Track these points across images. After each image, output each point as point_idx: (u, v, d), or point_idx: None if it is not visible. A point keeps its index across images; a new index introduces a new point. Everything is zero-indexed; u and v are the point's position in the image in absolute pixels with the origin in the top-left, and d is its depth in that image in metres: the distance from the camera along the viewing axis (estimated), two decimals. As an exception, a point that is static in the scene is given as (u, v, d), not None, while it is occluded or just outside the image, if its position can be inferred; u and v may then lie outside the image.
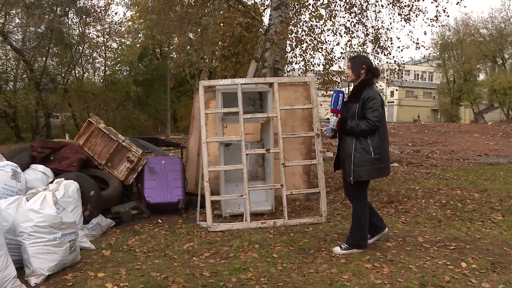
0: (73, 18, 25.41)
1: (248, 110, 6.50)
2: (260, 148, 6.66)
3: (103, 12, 24.93)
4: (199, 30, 12.49)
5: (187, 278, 3.99)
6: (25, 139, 21.83)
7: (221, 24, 13.25)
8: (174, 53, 27.62)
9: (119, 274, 4.16)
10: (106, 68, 27.99)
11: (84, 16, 24.86)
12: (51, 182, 5.10)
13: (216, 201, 6.26)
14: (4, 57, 25.08)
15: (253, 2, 10.80)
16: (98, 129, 6.78)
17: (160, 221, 6.23)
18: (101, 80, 28.39)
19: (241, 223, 5.83)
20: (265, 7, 10.25)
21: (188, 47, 17.75)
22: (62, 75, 25.84)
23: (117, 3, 36.65)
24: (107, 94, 24.60)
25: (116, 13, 34.52)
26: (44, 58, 24.48)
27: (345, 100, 4.64)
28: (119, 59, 28.32)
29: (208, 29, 12.25)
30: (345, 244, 4.70)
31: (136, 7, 28.12)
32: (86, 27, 25.22)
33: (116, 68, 28.64)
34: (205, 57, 19.57)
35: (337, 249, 4.67)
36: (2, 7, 20.20)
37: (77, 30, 25.48)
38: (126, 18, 26.76)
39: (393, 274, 4.03)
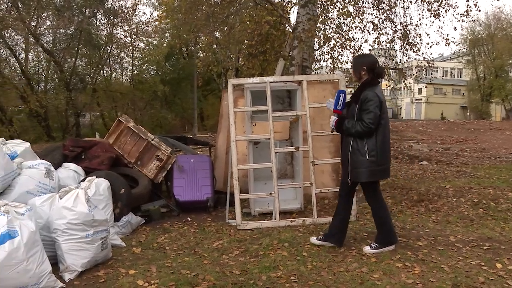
0: (101, 19, 25.79)
1: (277, 108, 6.48)
2: (289, 146, 6.64)
3: (130, 13, 25.20)
4: (225, 29, 12.53)
5: (217, 276, 4.00)
6: (55, 138, 22.24)
7: (248, 23, 13.26)
8: (200, 52, 27.80)
9: (150, 272, 4.20)
10: (134, 68, 28.34)
11: (112, 17, 25.18)
12: (83, 180, 5.18)
13: (245, 199, 6.26)
14: (36, 58, 25.60)
15: (280, 0, 10.76)
16: (127, 128, 6.86)
17: (190, 219, 6.26)
18: (129, 80, 28.74)
19: (270, 221, 5.82)
20: (292, 5, 10.20)
21: (215, 46, 17.84)
22: (91, 75, 26.24)
23: (144, 3, 36.95)
24: (135, 94, 24.88)
25: (144, 13, 34.76)
26: (73, 59, 24.91)
27: (346, 100, 4.62)
28: (146, 58, 28.59)
29: (234, 28, 12.27)
30: (374, 243, 4.65)
31: (163, 7, 28.37)
32: (114, 28, 25.55)
33: (144, 67, 28.94)
34: (231, 55, 19.64)
35: (367, 249, 4.62)
36: (35, 10, 20.60)
37: (105, 31, 25.85)
38: (153, 18, 26.92)
39: (425, 273, 3.97)
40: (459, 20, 10.30)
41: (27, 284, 3.65)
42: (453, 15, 10.41)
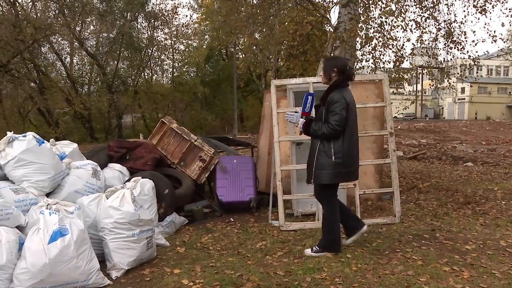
0: (142, 22, 26.26)
1: (320, 109, 6.45)
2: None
3: (170, 16, 25.54)
4: (264, 30, 12.54)
5: (261, 277, 4.01)
6: (98, 139, 22.76)
7: (286, 24, 13.24)
8: (240, 53, 27.92)
9: (194, 271, 4.24)
10: (174, 70, 28.69)
11: (152, 20, 25.60)
12: (128, 181, 5.28)
13: (287, 200, 6.25)
14: (80, 62, 26.30)
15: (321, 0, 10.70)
16: (170, 129, 6.96)
17: (232, 220, 6.30)
18: (169, 82, 29.12)
19: (313, 222, 5.79)
20: (333, 4, 10.11)
21: (254, 47, 17.88)
22: (132, 78, 26.73)
23: (183, 6, 37.42)
24: (175, 95, 25.16)
25: (186, 16, 35.11)
26: (115, 62, 25.44)
27: (314, 103, 4.56)
28: (186, 60, 28.90)
29: (274, 29, 12.26)
30: (316, 247, 4.64)
31: (202, 9, 28.66)
32: (155, 31, 25.95)
33: (184, 69, 29.26)
34: (270, 57, 19.66)
35: (308, 251, 4.64)
36: (79, 16, 21.18)
37: (146, 34, 26.28)
38: (192, 21, 27.24)
39: (474, 279, 3.85)
40: (507, 16, 9.87)
41: (77, 280, 3.76)
42: (500, 10, 10.00)
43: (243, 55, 26.48)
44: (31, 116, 23.42)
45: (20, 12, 18.26)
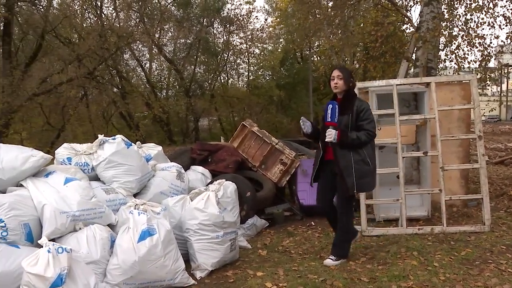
0: (218, 27, 26.73)
1: (403, 112, 6.24)
2: (415, 151, 6.37)
3: (245, 20, 25.84)
4: (339, 32, 12.39)
5: (345, 282, 3.95)
6: (176, 142, 23.38)
7: (362, 25, 13.03)
8: (315, 56, 27.76)
9: (277, 274, 4.24)
10: (250, 73, 29.01)
11: (228, 25, 26.00)
12: (210, 183, 5.38)
13: (368, 205, 6.11)
14: (159, 67, 27.21)
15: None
16: (251, 132, 7.01)
17: (313, 224, 6.24)
18: (245, 85, 29.46)
19: (397, 228, 5.62)
20: (415, 3, 9.79)
21: (330, 50, 17.74)
22: (209, 82, 27.28)
23: (258, 10, 37.78)
24: (251, 98, 25.34)
25: (261, 20, 35.46)
26: (192, 67, 26.08)
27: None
28: (261, 64, 29.12)
29: (349, 31, 12.09)
30: (332, 256, 4.54)
31: (277, 12, 28.77)
32: (230, 35, 26.35)
33: (259, 73, 29.49)
34: (346, 59, 19.40)
35: (329, 261, 4.51)
36: (158, 23, 21.92)
37: (222, 39, 26.74)
38: (267, 24, 27.37)
39: None
40: None
41: (164, 279, 3.87)
42: None
43: (318, 58, 26.33)
44: (113, 120, 24.48)
45: (105, 23, 19.17)
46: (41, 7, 17.06)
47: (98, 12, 19.81)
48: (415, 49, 8.39)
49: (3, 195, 3.87)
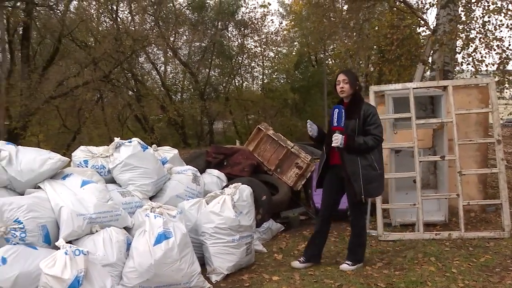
0: (232, 30, 26.72)
1: (419, 115, 6.19)
2: (432, 155, 6.31)
3: (260, 23, 25.82)
4: (354, 35, 12.34)
5: (361, 288, 3.92)
6: (191, 145, 23.42)
7: (377, 28, 12.96)
8: (329, 59, 27.64)
9: (293, 279, 4.22)
10: (264, 77, 28.93)
11: (242, 28, 26.00)
12: (225, 186, 5.37)
13: (384, 210, 6.07)
14: (173, 70, 27.28)
15: (418, 2, 10.33)
16: (267, 135, 7.00)
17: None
18: (259, 88, 29.39)
19: (413, 233, 5.57)
20: (430, 6, 9.69)
21: (343, 53, 17.68)
22: (224, 85, 27.25)
23: (272, 13, 37.67)
24: (266, 102, 25.22)
25: (276, 23, 35.34)
26: (207, 70, 26.10)
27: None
28: (276, 67, 29.04)
29: (363, 34, 12.03)
30: (348, 261, 4.49)
31: (291, 16, 28.73)
32: (244, 39, 26.34)
33: (274, 76, 29.40)
34: (361, 62, 19.31)
35: (345, 266, 4.46)
36: (173, 26, 22.02)
37: (236, 42, 26.72)
38: (281, 28, 27.29)
39: None
40: None
41: (179, 282, 3.86)
42: None
43: (333, 61, 26.23)
44: (128, 123, 24.59)
45: (120, 26, 19.30)
46: (58, 11, 17.23)
47: (114, 16, 19.93)
48: (432, 52, 8.31)
49: (22, 197, 3.90)
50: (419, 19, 9.57)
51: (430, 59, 8.65)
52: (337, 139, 4.22)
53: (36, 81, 15.20)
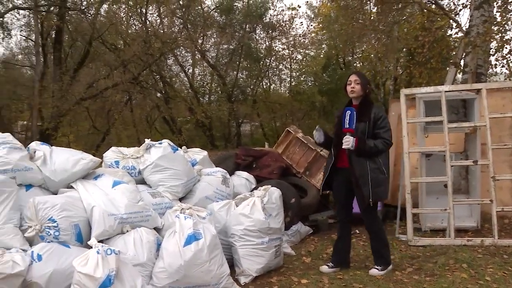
0: (260, 33, 26.73)
1: (451, 119, 6.08)
2: (464, 159, 6.19)
3: (288, 26, 25.78)
4: (383, 37, 12.20)
5: (392, 293, 3.87)
6: (218, 147, 23.51)
7: (406, 30, 12.78)
8: (357, 62, 27.40)
9: (322, 282, 4.19)
10: (292, 79, 28.85)
11: (270, 31, 25.99)
12: (255, 189, 5.37)
13: (414, 214, 5.98)
14: (201, 73, 27.45)
15: (450, 3, 10.15)
16: (296, 138, 6.99)
17: (358, 232, 6.14)
18: (287, 91, 29.32)
19: (444, 239, 5.46)
20: (463, 7, 9.51)
21: (372, 55, 17.50)
22: (251, 87, 27.27)
23: (300, 16, 37.52)
24: (293, 104, 25.15)
25: (303, 24, 35.24)
26: (235, 72, 26.16)
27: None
28: (303, 70, 28.93)
29: (393, 37, 11.88)
30: (378, 266, 4.40)
31: (319, 18, 28.59)
32: (272, 41, 26.32)
33: (301, 78, 29.31)
34: (390, 65, 19.10)
35: (375, 271, 4.37)
36: (201, 29, 22.18)
37: (264, 44, 26.73)
38: (309, 30, 27.17)
39: None
40: None
41: (208, 283, 3.86)
42: None
43: (361, 64, 26.01)
44: (157, 124, 24.84)
45: (149, 29, 19.53)
46: (89, 15, 17.56)
47: (143, 19, 20.17)
48: (464, 54, 8.15)
49: (56, 196, 3.98)
50: (450, 20, 9.41)
51: (462, 62, 8.49)
52: (348, 141, 4.18)
53: (67, 83, 15.53)
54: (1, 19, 17.06)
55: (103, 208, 3.90)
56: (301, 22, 38.76)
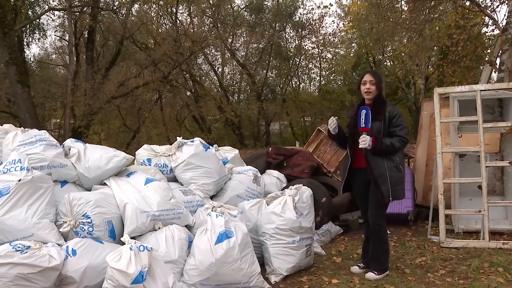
0: (289, 32, 26.69)
1: (486, 119, 5.95)
2: (499, 160, 6.05)
3: (317, 25, 25.65)
4: (414, 35, 12.02)
5: (424, 295, 3.81)
6: (247, 145, 23.57)
7: (438, 28, 12.58)
8: (387, 61, 27.10)
9: (353, 283, 4.16)
10: (321, 78, 28.74)
11: (300, 30, 25.91)
12: (286, 187, 5.36)
13: (447, 215, 5.87)
14: (231, 72, 27.58)
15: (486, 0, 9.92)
16: (327, 137, 6.94)
17: (389, 232, 6.06)
18: (316, 90, 29.20)
19: (478, 241, 5.34)
20: (500, 3, 9.27)
21: (403, 54, 17.28)
22: (281, 86, 27.27)
23: (330, 14, 37.29)
24: (323, 103, 25.06)
25: (333, 21, 35.00)
26: (264, 71, 26.19)
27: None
28: (333, 69, 28.79)
29: (424, 35, 11.69)
30: (375, 271, 4.27)
31: (349, 17, 28.37)
32: (302, 40, 26.24)
33: (331, 78, 29.17)
34: (421, 64, 18.83)
35: (371, 275, 4.25)
36: (231, 28, 22.29)
37: (294, 43, 26.67)
38: (339, 29, 26.99)
39: None
40: None
41: (239, 282, 3.88)
42: None
43: (392, 63, 25.71)
44: (186, 123, 25.04)
45: (179, 29, 19.71)
46: (121, 15, 17.84)
47: (173, 18, 20.40)
48: (500, 52, 7.97)
49: (89, 193, 4.06)
50: (485, 17, 9.20)
51: (498, 60, 8.29)
52: (365, 141, 4.12)
53: (99, 82, 15.83)
54: (38, 20, 17.51)
55: (136, 205, 3.96)
56: (333, 21, 38.30)
